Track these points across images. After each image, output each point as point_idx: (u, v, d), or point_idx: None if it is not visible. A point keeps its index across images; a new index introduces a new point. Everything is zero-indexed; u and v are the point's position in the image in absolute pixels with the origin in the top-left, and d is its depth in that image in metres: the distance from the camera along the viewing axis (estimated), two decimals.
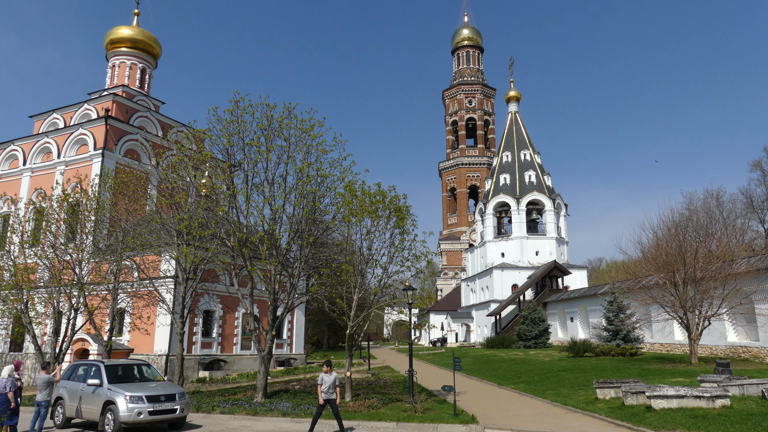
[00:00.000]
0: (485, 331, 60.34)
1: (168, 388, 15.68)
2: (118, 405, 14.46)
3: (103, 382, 15.40)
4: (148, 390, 15.10)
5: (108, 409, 14.74)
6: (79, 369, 17.07)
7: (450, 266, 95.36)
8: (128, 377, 16.39)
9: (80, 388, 16.04)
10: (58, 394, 16.76)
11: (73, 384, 16.54)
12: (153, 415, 14.64)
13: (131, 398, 14.56)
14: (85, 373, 16.41)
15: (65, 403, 16.43)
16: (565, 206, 65.63)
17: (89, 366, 16.69)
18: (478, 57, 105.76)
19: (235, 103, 20.72)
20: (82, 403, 15.74)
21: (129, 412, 14.35)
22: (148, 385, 15.65)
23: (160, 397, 15.02)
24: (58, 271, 26.49)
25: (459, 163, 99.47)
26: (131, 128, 41.29)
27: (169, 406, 15.03)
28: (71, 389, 16.45)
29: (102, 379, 15.50)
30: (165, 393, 15.20)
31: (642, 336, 34.98)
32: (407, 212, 20.39)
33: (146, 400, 14.67)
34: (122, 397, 14.57)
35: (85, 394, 15.73)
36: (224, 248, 23.13)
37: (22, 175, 42.41)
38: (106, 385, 15.27)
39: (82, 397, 15.81)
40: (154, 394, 14.98)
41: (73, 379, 16.77)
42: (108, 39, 50.61)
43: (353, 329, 20.51)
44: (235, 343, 35.73)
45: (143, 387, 15.33)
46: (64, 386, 16.87)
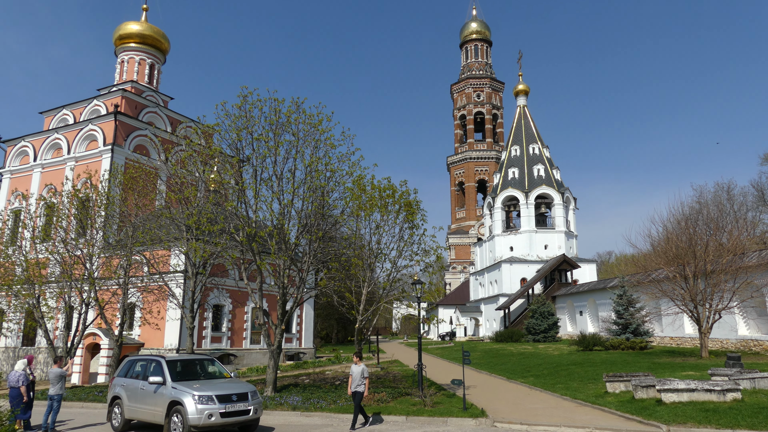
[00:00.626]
0: (494, 325, 60.30)
1: (239, 386, 14.01)
2: (186, 406, 12.78)
3: (166, 379, 13.66)
4: (218, 388, 13.40)
5: (174, 411, 13.09)
6: (137, 365, 15.39)
7: (458, 260, 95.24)
8: (191, 374, 14.73)
9: (139, 387, 14.42)
10: (115, 393, 15.23)
11: (131, 382, 14.88)
12: (225, 417, 12.96)
13: (200, 398, 12.89)
14: (144, 369, 14.78)
15: (123, 403, 14.72)
16: (574, 200, 65.33)
17: (148, 362, 14.98)
18: (486, 51, 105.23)
19: (244, 98, 20.72)
20: (143, 404, 14.13)
21: (198, 414, 12.69)
22: (216, 383, 13.97)
23: (232, 396, 13.32)
24: (69, 266, 26.74)
25: (467, 157, 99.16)
26: (140, 124, 41.47)
27: (242, 406, 13.32)
28: (130, 388, 14.79)
29: (165, 376, 13.75)
30: (237, 392, 13.51)
31: (652, 329, 34.83)
32: (418, 207, 20.39)
33: (217, 400, 12.99)
34: (190, 397, 12.90)
35: (146, 394, 14.09)
36: (233, 243, 23.23)
37: (32, 171, 42.73)
38: (170, 383, 13.57)
39: (142, 396, 14.23)
40: (225, 393, 13.28)
41: (131, 377, 15.10)
42: (116, 35, 50.77)
43: (362, 323, 20.56)
44: (245, 338, 35.91)
45: (211, 385, 13.61)
46: (120, 384, 15.25)
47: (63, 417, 17.09)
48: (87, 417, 17.78)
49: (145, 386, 14.20)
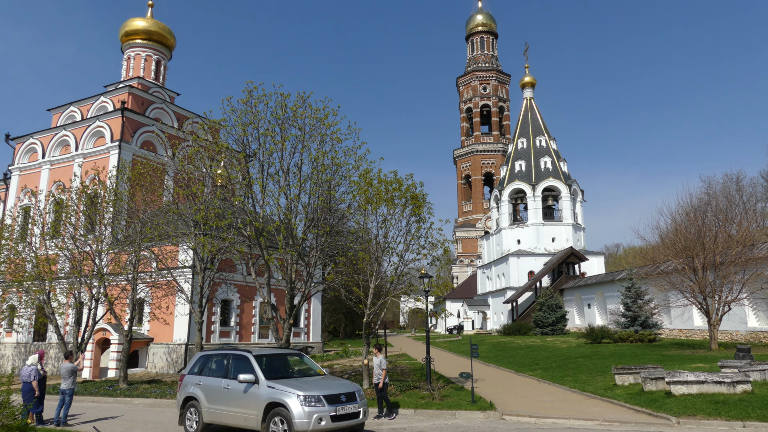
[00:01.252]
0: (502, 319, 60.28)
1: (342, 384, 12.21)
2: (291, 409, 10.91)
3: (258, 378, 11.85)
4: (321, 387, 11.60)
5: (273, 414, 11.21)
6: (212, 361, 13.53)
7: (465, 254, 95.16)
8: (282, 371, 12.90)
9: (222, 386, 12.53)
10: (189, 393, 13.24)
11: (210, 381, 12.98)
12: (336, 421, 11.12)
13: (307, 399, 11.02)
14: (225, 366, 12.97)
15: (201, 405, 12.81)
16: (582, 192, 65.08)
17: (232, 357, 13.10)
18: (492, 43, 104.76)
19: (249, 93, 20.70)
20: (229, 406, 12.23)
21: (306, 418, 10.80)
22: (314, 381, 12.17)
23: (341, 396, 11.51)
24: (79, 262, 26.92)
25: (474, 151, 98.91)
26: (147, 120, 41.59)
27: (351, 408, 11.51)
28: (209, 388, 12.88)
29: (256, 374, 11.94)
30: (344, 391, 11.71)
31: (660, 322, 34.72)
32: (424, 200, 20.37)
33: (325, 401, 11.16)
34: (294, 398, 11.04)
35: (233, 394, 12.22)
36: (241, 238, 23.29)
37: (41, 168, 42.98)
38: (265, 381, 11.74)
39: (227, 397, 12.34)
40: (333, 392, 11.48)
41: (207, 374, 13.26)
42: (123, 31, 50.88)
43: (370, 317, 20.59)
44: (253, 332, 36.08)
45: (312, 384, 11.82)
46: (195, 384, 13.23)
47: (74, 411, 17.23)
48: (98, 411, 17.94)
49: (231, 385, 12.33)
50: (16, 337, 39.03)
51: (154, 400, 20.16)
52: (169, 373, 30.60)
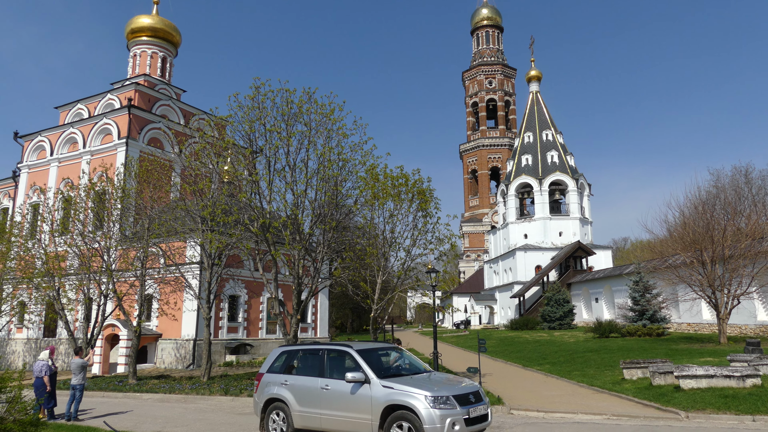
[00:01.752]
0: (509, 313, 60.24)
1: (463, 382, 10.61)
2: (420, 412, 9.22)
3: (369, 376, 10.17)
4: (446, 386, 9.99)
5: (396, 419, 9.53)
6: (301, 357, 12.01)
7: (472, 248, 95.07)
8: (389, 368, 11.25)
9: (319, 386, 10.90)
10: (272, 394, 11.61)
11: (301, 380, 11.36)
12: (470, 424, 9.46)
13: (436, 400, 9.31)
14: (322, 363, 11.26)
15: (291, 408, 11.18)
16: (589, 186, 64.83)
17: (327, 352, 11.43)
18: (497, 37, 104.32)
19: (256, 89, 20.75)
20: (331, 409, 10.57)
21: (439, 422, 9.09)
22: (434, 379, 10.63)
23: (469, 396, 9.85)
24: (88, 259, 27.07)
25: (480, 145, 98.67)
26: (154, 117, 41.70)
27: (482, 409, 9.87)
28: (300, 388, 11.27)
29: (366, 372, 10.26)
30: (471, 390, 10.05)
31: (669, 316, 34.60)
32: (431, 195, 20.37)
33: (456, 402, 9.45)
34: (422, 400, 9.34)
35: (335, 396, 10.58)
36: (248, 234, 23.37)
37: (49, 166, 43.20)
38: (378, 380, 10.08)
39: (328, 399, 10.68)
40: (461, 392, 9.83)
41: (295, 372, 11.71)
42: (128, 28, 50.96)
43: (377, 312, 20.63)
44: (261, 328, 36.21)
45: (433, 382, 10.25)
46: (280, 383, 11.62)
47: (85, 406, 17.38)
48: (108, 406, 18.08)
49: (331, 385, 10.71)
50: (26, 333, 39.35)
51: (164, 395, 20.30)
52: (177, 369, 30.79)
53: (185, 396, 19.77)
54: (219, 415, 15.64)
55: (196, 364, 30.60)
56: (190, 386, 21.08)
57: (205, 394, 19.63)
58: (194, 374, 27.09)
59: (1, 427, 10.50)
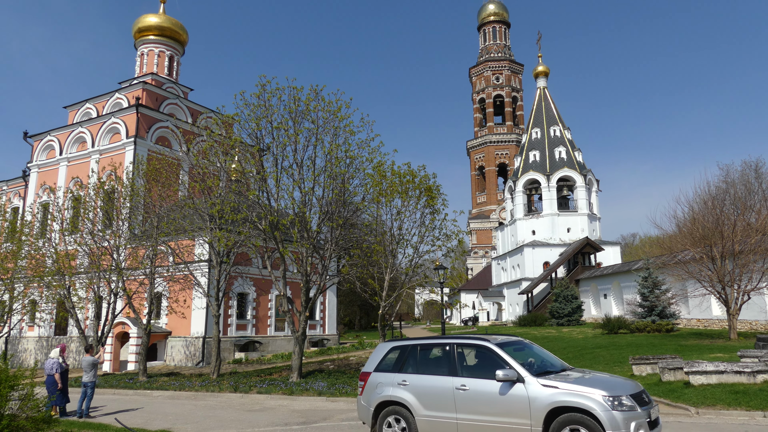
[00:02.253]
0: (517, 310, 60.14)
1: (627, 381, 9.16)
2: (599, 415, 7.91)
3: (521, 374, 8.76)
4: (615, 384, 8.63)
5: (566, 423, 8.16)
6: (421, 353, 10.40)
7: (480, 245, 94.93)
8: (538, 364, 9.62)
9: (453, 387, 9.36)
10: (387, 396, 10.07)
11: (425, 380, 9.83)
12: (652, 428, 8.22)
13: (614, 401, 8.03)
14: (451, 359, 9.73)
15: (414, 412, 9.68)
16: (597, 182, 64.55)
17: (457, 347, 9.86)
18: (504, 32, 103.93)
19: (262, 87, 20.82)
20: (472, 413, 9.07)
21: (623, 427, 7.83)
22: (598, 377, 9.18)
23: (643, 396, 8.56)
24: (97, 257, 27.26)
25: (487, 141, 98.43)
26: (161, 116, 41.87)
27: (656, 412, 8.61)
28: (425, 388, 9.76)
29: (516, 369, 8.85)
30: (642, 389, 8.79)
31: (678, 312, 34.44)
32: (438, 192, 20.37)
33: (636, 402, 8.18)
34: (599, 400, 8.05)
35: (477, 398, 9.11)
36: (256, 231, 23.46)
37: (59, 165, 43.48)
38: (535, 379, 8.70)
39: (466, 402, 9.19)
40: (636, 391, 8.53)
41: (415, 370, 10.10)
42: (136, 27, 51.16)
43: (385, 309, 20.67)
44: (269, 325, 36.34)
45: (600, 380, 8.84)
46: (397, 383, 10.10)
47: (96, 403, 17.52)
48: (119, 403, 18.22)
49: (472, 385, 9.20)
50: (38, 331, 39.69)
51: (173, 392, 20.44)
52: (187, 366, 30.97)
53: (195, 393, 19.90)
54: (229, 412, 15.73)
55: (206, 362, 30.77)
56: (200, 383, 21.21)
57: (214, 391, 19.75)
58: (204, 371, 27.24)
59: (14, 424, 10.61)
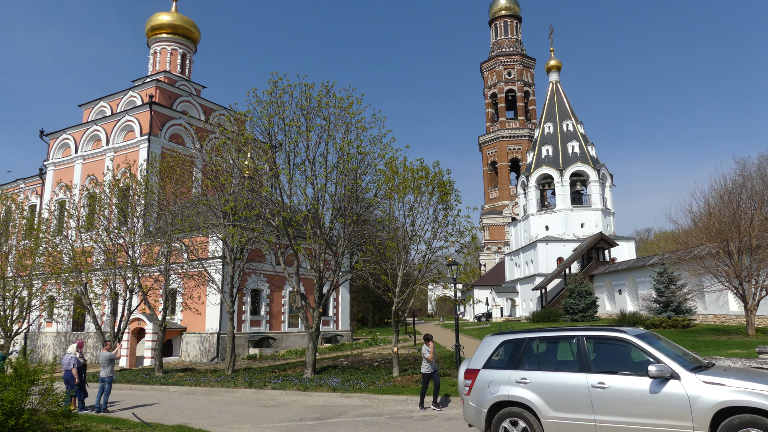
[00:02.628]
0: (530, 306, 59.91)
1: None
2: None
3: (675, 370, 7.79)
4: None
5: (743, 425, 7.14)
6: (541, 346, 9.42)
7: (493, 241, 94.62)
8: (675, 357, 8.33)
9: (589, 384, 8.29)
10: (504, 396, 8.97)
11: (553, 377, 8.73)
12: None
13: None
14: (580, 353, 8.66)
15: (539, 414, 8.60)
16: (611, 176, 64.03)
17: (593, 340, 8.77)
18: (516, 27, 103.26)
19: (274, 84, 20.88)
20: (616, 415, 7.99)
21: None
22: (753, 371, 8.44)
23: None
24: (113, 254, 27.52)
25: (499, 136, 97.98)
26: (175, 113, 42.15)
27: None
28: (553, 387, 8.66)
29: (669, 365, 7.87)
30: None
31: (694, 307, 34.12)
32: (451, 188, 20.30)
33: None
34: None
35: (623, 397, 8.03)
36: (269, 228, 23.56)
37: (74, 163, 43.95)
38: (692, 375, 7.74)
39: (606, 402, 8.12)
40: None
41: (539, 367, 8.99)
42: (148, 26, 51.51)
43: (398, 305, 20.67)
44: (283, 321, 36.54)
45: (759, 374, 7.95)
46: (517, 381, 8.98)
47: (114, 398, 17.69)
48: (136, 398, 18.41)
49: (612, 383, 8.11)
50: (56, 327, 40.23)
51: (189, 388, 20.60)
52: (202, 362, 31.23)
53: (210, 389, 20.05)
54: (244, 408, 15.84)
55: (220, 357, 31.01)
56: (215, 379, 21.37)
57: (229, 387, 19.89)
58: (218, 367, 27.45)
59: (35, 418, 10.76)
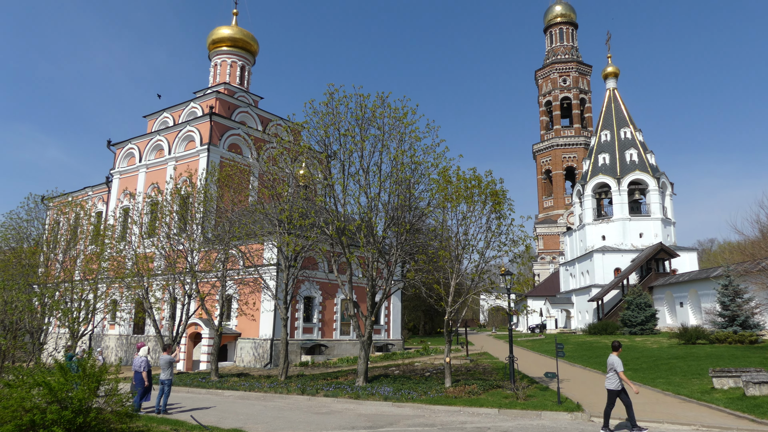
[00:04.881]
0: (586, 317, 58.33)
1: None
2: None
3: None
4: None
5: None
6: None
7: (547, 250, 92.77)
8: None
9: None
10: None
11: None
12: None
13: None
14: None
15: None
16: (671, 185, 61.80)
17: None
18: (572, 33, 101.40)
19: (330, 95, 21.26)
20: None
21: None
22: None
23: None
24: (173, 260, 28.50)
25: (554, 145, 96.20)
26: (233, 123, 43.38)
27: None
28: None
29: None
30: None
31: (763, 322, 32.42)
32: (504, 197, 20.10)
33: None
34: None
35: None
36: (323, 236, 23.90)
37: (138, 171, 45.82)
38: None
39: None
40: None
41: None
42: (210, 39, 53.33)
43: (451, 315, 20.54)
44: (335, 329, 36.85)
45: None
46: None
47: (172, 400, 18.24)
48: (193, 401, 18.96)
49: None
50: (118, 330, 41.88)
51: (243, 393, 21.05)
52: (255, 368, 31.84)
53: (264, 394, 20.42)
54: (297, 414, 16.07)
55: (273, 363, 31.53)
56: (269, 385, 21.75)
57: (282, 393, 20.20)
58: (272, 373, 27.92)
59: (100, 417, 11.27)
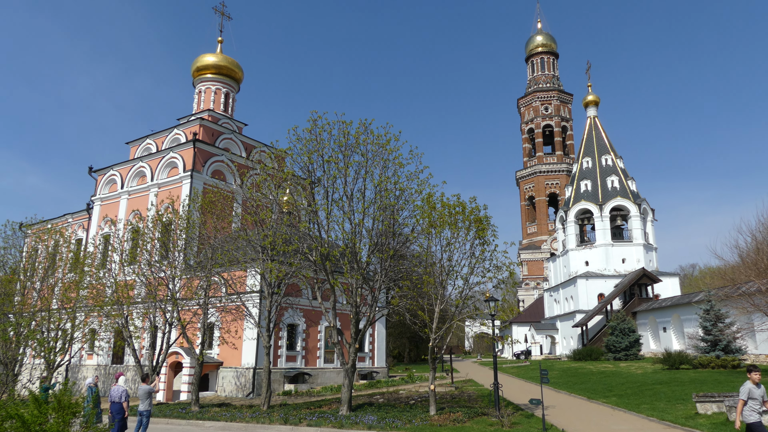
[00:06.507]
0: (571, 343, 58.30)
1: None
2: None
3: None
4: None
5: None
6: None
7: (531, 276, 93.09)
8: None
9: None
10: None
11: None
12: None
13: None
14: None
15: None
16: (652, 211, 62.66)
17: None
18: (552, 63, 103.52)
19: (314, 122, 21.38)
20: None
21: None
22: None
23: None
24: (154, 288, 28.09)
25: (537, 171, 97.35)
26: (217, 150, 43.32)
27: None
28: None
29: None
30: None
31: (744, 347, 32.64)
32: (488, 223, 20.20)
33: None
34: None
35: None
36: (307, 263, 23.76)
37: (120, 198, 45.40)
38: None
39: None
40: None
41: None
42: (194, 67, 53.53)
43: (435, 341, 20.41)
44: (319, 357, 36.41)
45: None
46: None
47: None
48: None
49: None
50: (96, 360, 40.95)
51: (225, 423, 20.61)
52: (237, 397, 31.25)
53: (246, 425, 20.01)
54: None
55: (256, 393, 30.98)
56: (251, 415, 21.33)
57: (265, 423, 19.82)
58: (254, 403, 27.41)
59: None
